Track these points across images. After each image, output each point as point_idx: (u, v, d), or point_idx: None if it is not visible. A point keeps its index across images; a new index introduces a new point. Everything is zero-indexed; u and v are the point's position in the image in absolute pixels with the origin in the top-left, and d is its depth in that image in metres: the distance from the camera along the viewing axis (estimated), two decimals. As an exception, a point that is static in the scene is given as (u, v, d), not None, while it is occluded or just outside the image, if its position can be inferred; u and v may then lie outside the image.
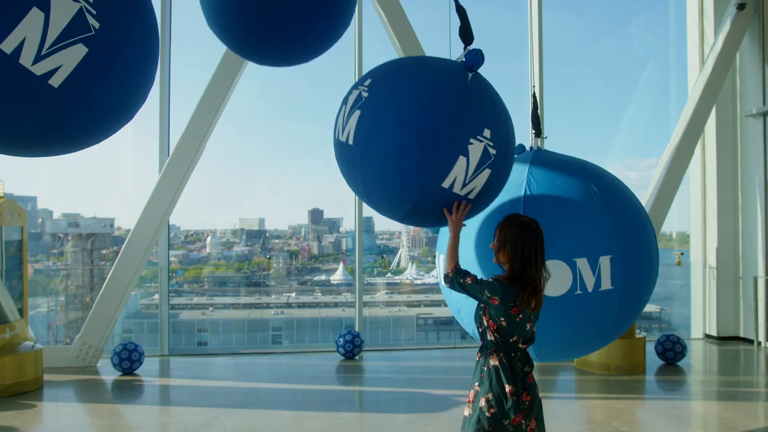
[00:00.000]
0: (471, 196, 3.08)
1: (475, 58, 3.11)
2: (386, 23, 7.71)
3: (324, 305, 15.65)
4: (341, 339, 7.63)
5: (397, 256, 16.75)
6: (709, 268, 8.84)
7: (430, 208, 3.12)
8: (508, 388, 2.64)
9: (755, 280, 8.28)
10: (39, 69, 2.50)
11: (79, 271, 13.11)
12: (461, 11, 3.32)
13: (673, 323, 10.43)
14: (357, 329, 8.11)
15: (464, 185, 3.02)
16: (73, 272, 12.96)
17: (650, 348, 7.31)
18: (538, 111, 4.09)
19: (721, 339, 8.62)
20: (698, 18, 8.89)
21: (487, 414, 2.64)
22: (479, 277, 2.77)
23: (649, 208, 7.77)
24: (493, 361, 2.71)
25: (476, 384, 2.74)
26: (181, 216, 18.58)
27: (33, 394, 5.96)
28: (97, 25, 2.61)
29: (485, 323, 2.74)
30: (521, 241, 2.70)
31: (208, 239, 16.68)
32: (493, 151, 3.06)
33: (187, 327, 14.19)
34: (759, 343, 8.14)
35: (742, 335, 8.59)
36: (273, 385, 6.44)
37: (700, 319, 8.97)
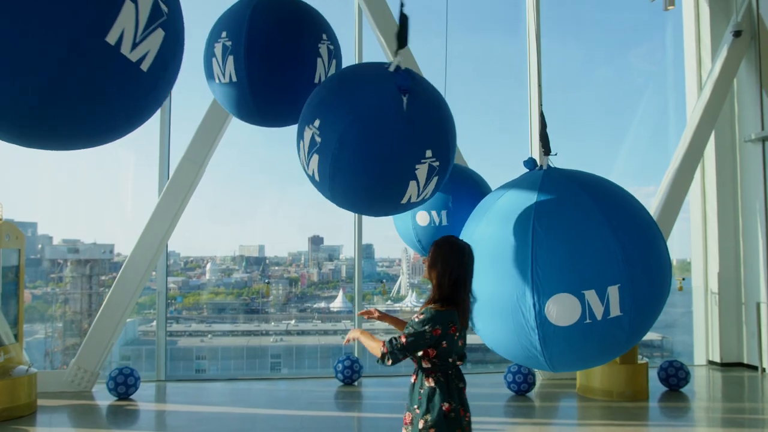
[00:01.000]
0: (420, 198, 3.83)
1: (407, 82, 3.52)
2: (386, 49, 7.81)
3: (323, 333, 15.54)
4: (340, 365, 7.54)
5: (397, 283, 16.69)
6: (711, 293, 8.78)
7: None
8: (445, 406, 2.74)
9: (758, 305, 8.21)
10: (134, 56, 2.73)
11: (78, 297, 13.03)
12: (403, 18, 3.73)
13: (676, 351, 10.31)
14: (356, 355, 8.02)
15: (419, 194, 3.78)
16: (72, 298, 12.89)
17: (653, 374, 7.20)
18: (546, 129, 4.09)
19: (725, 365, 8.51)
20: (695, 45, 9.00)
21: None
22: (408, 327, 2.78)
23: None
24: (429, 383, 2.79)
25: (414, 406, 2.82)
26: (181, 242, 18.56)
27: (26, 419, 5.86)
28: (166, 9, 2.86)
29: (425, 350, 2.78)
30: (453, 261, 2.85)
31: (208, 266, 16.62)
32: (435, 164, 3.70)
33: (186, 354, 14.06)
34: (763, 370, 8.03)
35: (745, 361, 8.48)
36: (270, 411, 6.34)
37: (703, 345, 8.87)
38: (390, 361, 2.78)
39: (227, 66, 4.30)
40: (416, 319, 2.76)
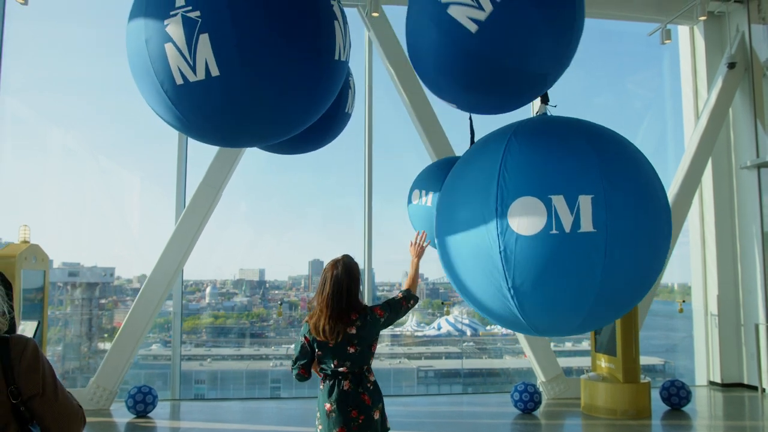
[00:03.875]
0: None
1: None
2: (395, 79, 8.11)
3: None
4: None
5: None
6: (711, 315, 9.00)
7: None
8: (327, 406, 3.19)
9: (756, 327, 8.44)
10: (343, 56, 3.61)
11: (77, 320, 13.06)
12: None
13: (678, 374, 10.48)
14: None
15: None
16: (72, 321, 12.91)
17: (655, 394, 7.38)
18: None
19: (725, 386, 8.69)
20: (691, 75, 9.38)
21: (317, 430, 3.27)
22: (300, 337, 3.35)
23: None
24: (320, 385, 3.29)
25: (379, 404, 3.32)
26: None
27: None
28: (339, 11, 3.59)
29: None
30: (322, 279, 3.31)
31: (208, 289, 16.68)
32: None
33: (185, 378, 14.01)
34: (763, 390, 8.22)
35: (746, 382, 8.67)
36: (283, 428, 6.47)
37: (704, 366, 9.06)
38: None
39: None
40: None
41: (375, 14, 7.71)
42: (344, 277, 3.23)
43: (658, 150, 10.98)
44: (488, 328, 13.44)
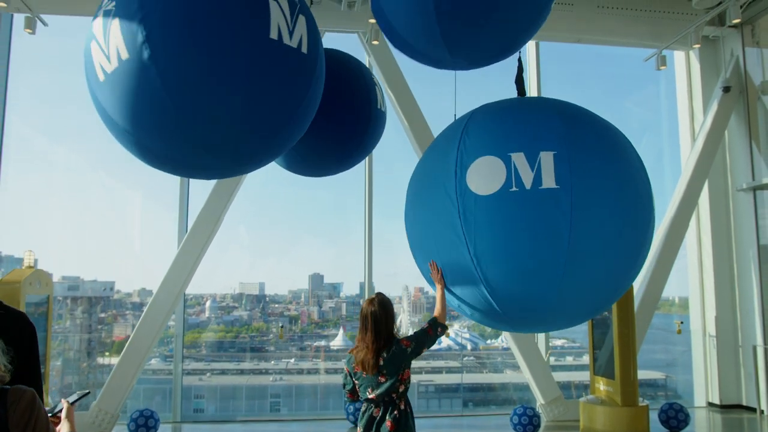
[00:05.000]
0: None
1: None
2: (395, 104, 8.22)
3: (324, 371, 15.52)
4: (351, 407, 7.71)
5: (398, 321, 16.71)
6: (709, 336, 9.07)
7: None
8: (357, 430, 3.56)
9: (754, 348, 8.50)
10: (293, 42, 3.15)
11: (77, 335, 13.07)
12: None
13: (678, 390, 10.51)
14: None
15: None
16: (71, 336, 12.93)
17: (654, 416, 7.43)
18: (522, 74, 3.99)
19: (724, 407, 8.74)
20: (687, 98, 9.49)
21: None
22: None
23: (647, 280, 8.11)
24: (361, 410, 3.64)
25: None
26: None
27: (50, 462, 5.98)
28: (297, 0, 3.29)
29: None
30: (363, 316, 3.60)
31: (207, 303, 16.70)
32: None
33: (184, 393, 14.01)
34: (762, 412, 8.27)
35: (744, 403, 8.72)
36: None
37: (703, 388, 9.11)
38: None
39: None
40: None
41: (375, 42, 7.83)
42: (381, 313, 3.55)
43: (655, 171, 11.08)
44: (489, 342, 13.48)
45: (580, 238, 3.03)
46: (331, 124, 4.35)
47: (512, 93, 3.95)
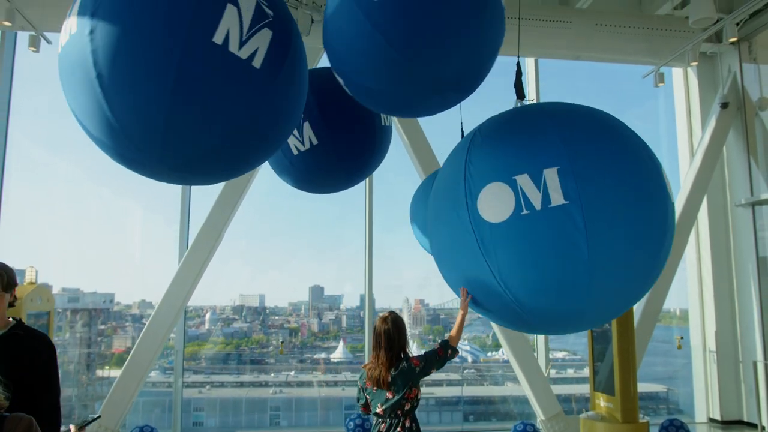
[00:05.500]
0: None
1: None
2: (395, 121, 8.29)
3: (324, 384, 15.49)
4: (351, 423, 7.70)
5: (411, 342, 16.64)
6: (710, 352, 9.07)
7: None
8: None
9: (754, 364, 8.50)
10: (244, 53, 2.89)
11: (77, 347, 13.07)
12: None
13: (680, 404, 10.49)
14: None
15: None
16: (71, 349, 12.92)
17: (655, 432, 7.42)
18: (521, 78, 3.98)
19: (725, 423, 8.73)
20: (686, 114, 9.55)
21: None
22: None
23: (647, 295, 8.10)
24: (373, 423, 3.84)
25: None
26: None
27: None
28: (271, 13, 3.07)
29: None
30: (376, 334, 3.84)
31: (207, 315, 16.69)
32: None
33: (184, 406, 13.99)
34: (762, 428, 8.26)
35: (745, 419, 8.71)
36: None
37: (704, 403, 9.10)
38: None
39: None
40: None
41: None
42: (394, 331, 3.79)
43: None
44: (489, 354, 13.46)
45: (599, 246, 3.05)
46: (338, 143, 4.39)
47: (513, 97, 3.99)
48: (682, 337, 9.09)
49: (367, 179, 8.77)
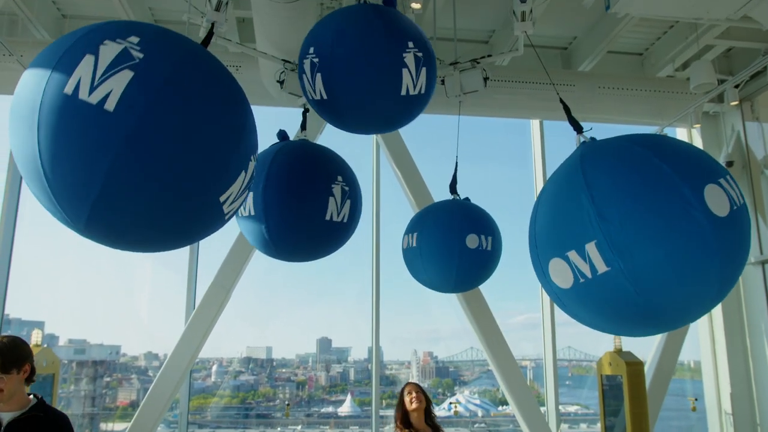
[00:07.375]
0: (417, 90, 4.27)
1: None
2: (401, 179, 8.41)
3: (333, 439, 15.30)
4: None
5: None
6: (726, 414, 8.87)
7: None
8: None
9: (772, 427, 8.31)
10: (94, 98, 2.75)
11: (81, 399, 12.98)
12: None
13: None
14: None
15: (415, 84, 4.24)
16: (75, 400, 12.84)
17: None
18: (571, 113, 4.31)
19: (744, 488, 8.48)
20: (692, 172, 9.59)
21: None
22: None
23: (658, 360, 8.05)
24: None
25: None
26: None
27: None
28: (141, 56, 2.89)
29: None
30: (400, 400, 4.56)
31: (214, 367, 16.58)
32: (420, 54, 4.17)
33: (188, 461, 13.79)
34: (783, 495, 8.02)
35: (765, 486, 8.46)
36: None
37: (722, 468, 8.86)
38: None
39: (247, 201, 4.49)
40: None
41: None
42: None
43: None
44: (500, 408, 13.26)
45: (650, 297, 3.27)
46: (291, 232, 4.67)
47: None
48: (696, 399, 8.92)
49: (374, 231, 8.82)
